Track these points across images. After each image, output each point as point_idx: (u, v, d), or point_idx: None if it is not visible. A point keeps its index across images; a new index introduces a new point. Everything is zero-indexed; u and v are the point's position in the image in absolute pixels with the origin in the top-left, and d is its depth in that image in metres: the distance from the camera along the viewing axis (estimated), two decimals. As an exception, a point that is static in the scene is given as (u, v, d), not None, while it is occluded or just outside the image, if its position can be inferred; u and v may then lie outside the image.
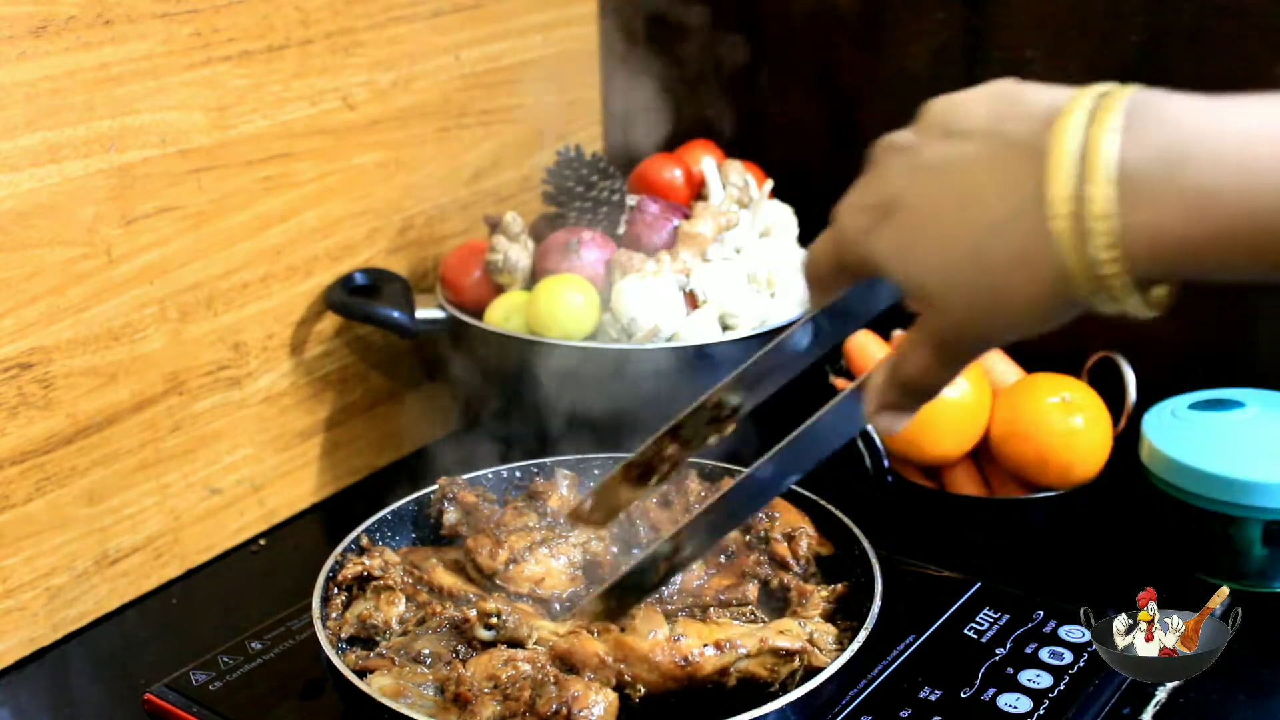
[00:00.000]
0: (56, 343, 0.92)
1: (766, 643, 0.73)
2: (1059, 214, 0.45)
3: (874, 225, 0.52)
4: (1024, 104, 0.49)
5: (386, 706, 0.72)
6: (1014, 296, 0.48)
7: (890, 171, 0.52)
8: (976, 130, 0.49)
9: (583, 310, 1.06)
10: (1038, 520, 1.03)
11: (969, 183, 0.48)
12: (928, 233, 0.49)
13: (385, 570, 0.86)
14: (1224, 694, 0.84)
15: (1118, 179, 0.44)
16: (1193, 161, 0.44)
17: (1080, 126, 0.46)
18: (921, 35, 1.22)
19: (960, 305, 0.49)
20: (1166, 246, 0.45)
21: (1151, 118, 0.46)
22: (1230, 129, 0.45)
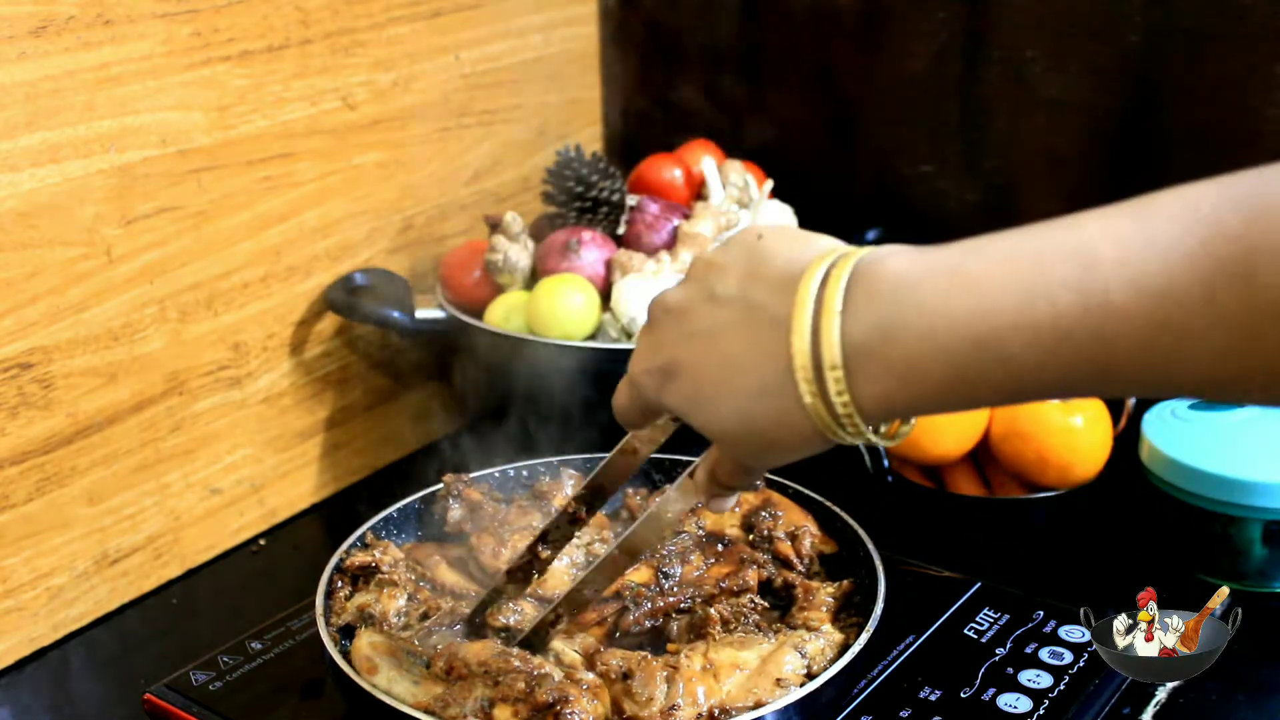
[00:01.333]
0: (56, 343, 0.92)
1: (762, 701, 0.74)
2: (805, 389, 0.53)
3: (662, 385, 0.60)
4: (767, 269, 0.56)
5: (387, 705, 0.72)
6: (780, 444, 0.57)
7: (667, 336, 0.60)
8: (731, 297, 0.57)
9: (583, 310, 1.06)
10: (1038, 520, 1.03)
11: (731, 350, 0.56)
12: (705, 394, 0.58)
13: (393, 566, 0.86)
14: (1224, 694, 0.84)
15: (843, 361, 0.52)
16: (900, 334, 0.51)
17: (810, 308, 0.53)
18: (921, 35, 1.22)
19: (740, 448, 0.59)
20: (893, 404, 0.53)
21: (867, 292, 0.52)
22: (927, 299, 0.50)
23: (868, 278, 0.52)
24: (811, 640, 0.78)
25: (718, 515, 0.93)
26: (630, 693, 0.73)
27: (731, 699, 0.74)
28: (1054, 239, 0.49)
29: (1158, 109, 1.11)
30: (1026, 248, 0.50)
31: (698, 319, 0.58)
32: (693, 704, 0.73)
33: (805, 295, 0.53)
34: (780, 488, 0.95)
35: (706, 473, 0.65)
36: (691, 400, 0.58)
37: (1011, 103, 1.19)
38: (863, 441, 0.56)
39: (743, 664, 0.76)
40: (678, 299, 0.60)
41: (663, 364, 0.59)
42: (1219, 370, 0.46)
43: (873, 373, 0.52)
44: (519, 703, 0.72)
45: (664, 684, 0.74)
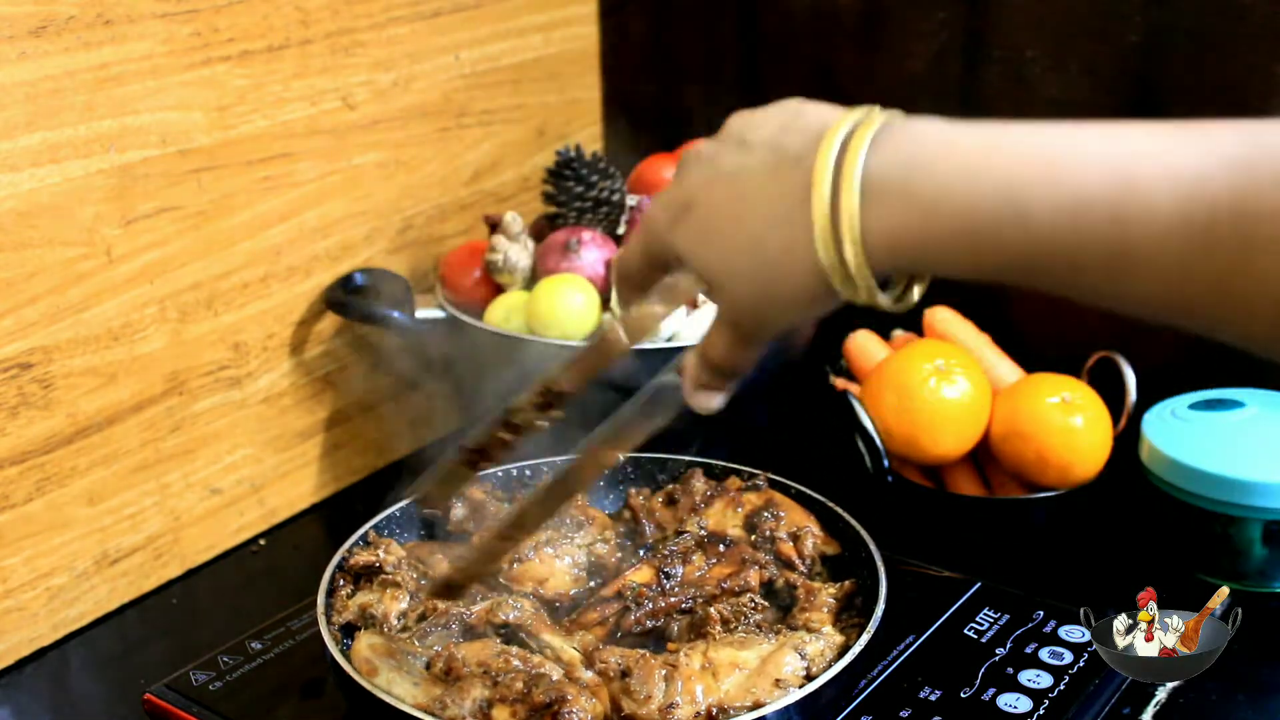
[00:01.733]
0: (56, 343, 0.92)
1: (760, 702, 0.73)
2: (817, 216, 0.52)
3: (675, 221, 0.59)
4: (802, 120, 0.56)
5: (387, 705, 0.72)
6: (783, 281, 0.55)
7: (691, 176, 0.59)
8: (763, 142, 0.57)
9: (583, 310, 1.06)
10: (1038, 520, 1.03)
11: (752, 187, 0.56)
12: (717, 227, 0.57)
13: (396, 566, 0.86)
14: (1224, 694, 0.84)
15: (862, 186, 0.52)
16: (924, 171, 0.51)
17: (838, 142, 0.53)
18: (921, 35, 1.22)
19: (741, 288, 0.57)
20: (901, 244, 0.52)
21: (897, 135, 0.52)
22: (960, 146, 0.51)
23: (899, 128, 0.53)
24: (811, 642, 0.78)
25: (721, 516, 0.92)
26: (629, 691, 0.73)
27: (730, 698, 0.74)
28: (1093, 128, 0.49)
29: (1158, 109, 1.11)
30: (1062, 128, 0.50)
31: (724, 161, 0.58)
32: (691, 702, 0.73)
33: (836, 132, 0.53)
34: (782, 488, 0.95)
35: (698, 356, 0.63)
36: (701, 236, 0.58)
37: (1011, 103, 1.19)
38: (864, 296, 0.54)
39: (742, 664, 0.76)
40: (710, 146, 0.59)
41: (681, 200, 0.59)
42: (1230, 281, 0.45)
43: (889, 204, 0.51)
44: (517, 703, 0.72)
45: (662, 682, 0.74)
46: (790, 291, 0.55)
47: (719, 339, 0.61)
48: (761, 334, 0.60)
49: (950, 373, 1.03)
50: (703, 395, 0.64)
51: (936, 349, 1.05)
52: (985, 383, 1.05)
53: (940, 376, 1.03)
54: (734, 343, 0.60)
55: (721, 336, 0.61)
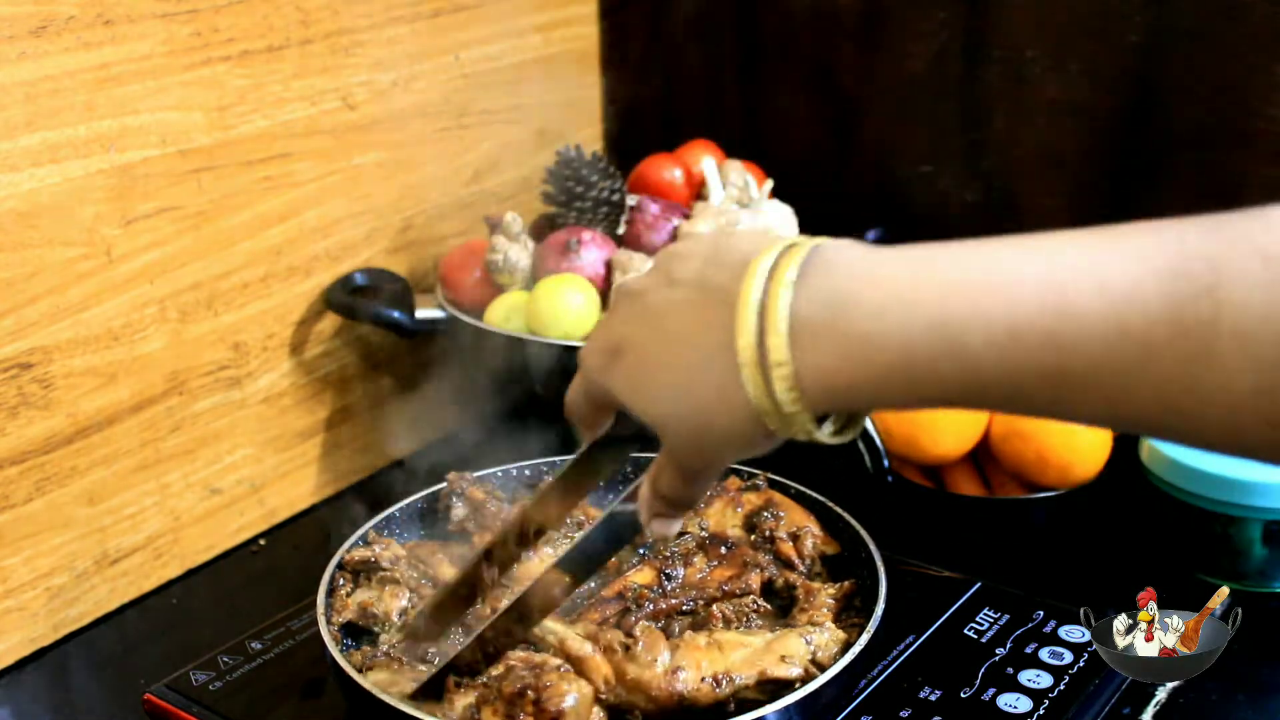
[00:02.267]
0: (56, 343, 0.92)
1: (766, 673, 0.73)
2: (745, 361, 0.51)
3: (609, 364, 0.58)
4: (727, 255, 0.55)
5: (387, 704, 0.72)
6: (718, 426, 0.54)
7: (621, 316, 0.59)
8: (688, 279, 0.55)
9: (583, 310, 1.06)
10: (1038, 520, 1.03)
11: (678, 326, 0.55)
12: (648, 370, 0.56)
13: (394, 564, 0.86)
14: (1224, 694, 0.84)
15: (789, 329, 0.50)
16: (852, 310, 0.49)
17: (761, 282, 0.51)
18: (921, 35, 1.22)
19: (679, 433, 0.56)
20: (835, 385, 0.50)
21: (822, 270, 0.51)
22: (888, 279, 0.50)
23: (824, 259, 0.52)
24: (817, 633, 0.78)
25: (721, 517, 0.93)
26: (634, 657, 0.73)
27: (735, 668, 0.74)
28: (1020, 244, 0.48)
29: (1158, 109, 1.11)
30: (989, 247, 0.49)
31: (651, 300, 0.57)
32: (695, 669, 0.73)
33: (758, 268, 0.52)
34: (782, 488, 0.95)
35: (649, 489, 0.62)
36: (633, 380, 0.57)
37: (1011, 103, 1.19)
38: (800, 433, 0.53)
39: (748, 644, 0.76)
40: (638, 284, 0.59)
41: (611, 341, 0.58)
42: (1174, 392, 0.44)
43: (819, 346, 0.50)
44: (496, 700, 0.72)
45: (667, 651, 0.74)
46: (727, 433, 0.54)
47: (667, 475, 0.60)
48: (706, 472, 0.59)
49: (950, 373, 1.03)
50: (659, 523, 0.63)
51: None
52: (985, 383, 1.05)
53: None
54: (682, 479, 0.60)
55: (669, 473, 0.60)
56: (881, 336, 0.49)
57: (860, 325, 0.49)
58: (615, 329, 0.59)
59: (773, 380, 0.51)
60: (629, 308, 0.58)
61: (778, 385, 0.51)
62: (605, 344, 0.59)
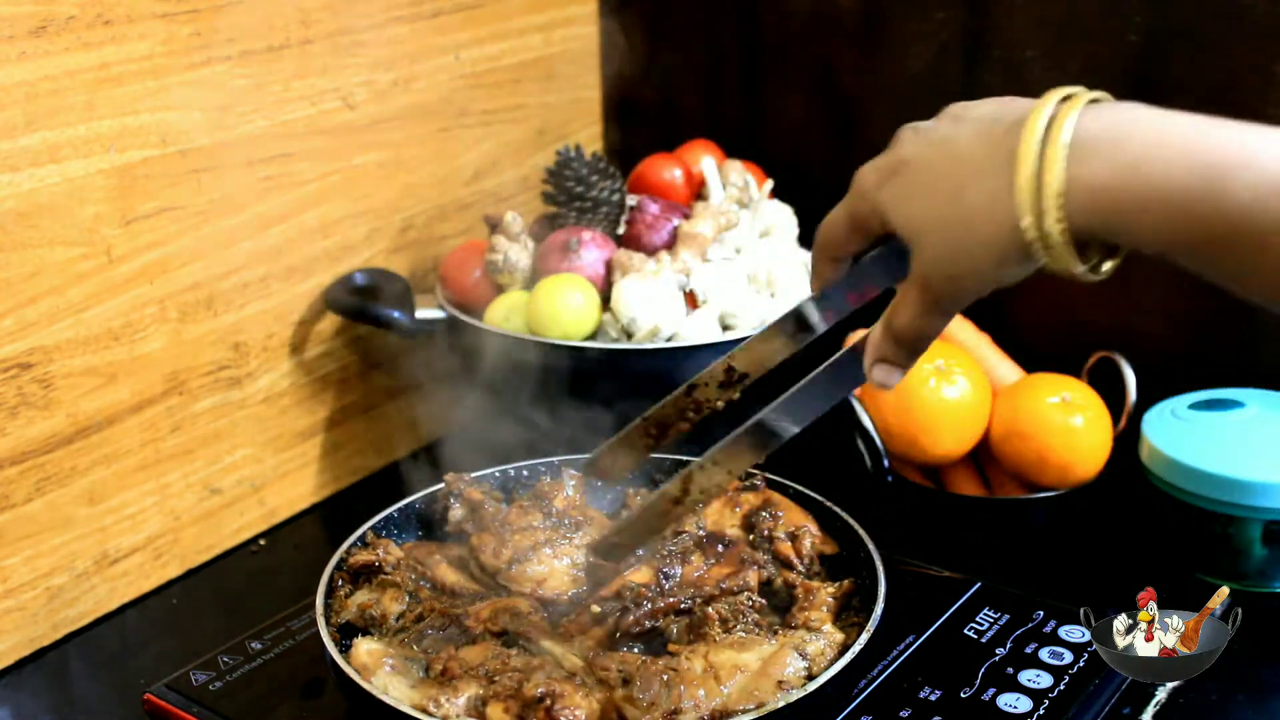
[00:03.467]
0: (56, 343, 0.92)
1: (764, 704, 0.73)
2: (1022, 165, 0.55)
3: (883, 180, 0.62)
4: (1020, 102, 0.59)
5: (387, 705, 0.72)
6: (979, 236, 0.57)
7: (905, 143, 0.62)
8: (978, 116, 0.60)
9: (583, 310, 1.06)
10: (1038, 520, 1.03)
11: (961, 149, 0.59)
12: (923, 182, 0.60)
13: (395, 567, 0.86)
14: (1224, 694, 0.84)
15: (1071, 144, 0.54)
16: (1131, 139, 0.54)
17: (1052, 107, 0.56)
18: (921, 35, 1.22)
19: (937, 240, 0.59)
20: (1099, 202, 0.54)
21: (1110, 107, 0.56)
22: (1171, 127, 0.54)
23: (1111, 104, 0.56)
24: (812, 641, 0.78)
25: (719, 516, 0.92)
26: (631, 699, 0.73)
27: (733, 701, 0.74)
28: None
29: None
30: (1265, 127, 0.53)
31: (940, 131, 0.61)
32: (695, 708, 0.73)
33: (1050, 98, 0.56)
34: (781, 488, 0.95)
35: (883, 326, 0.63)
36: (905, 191, 0.60)
37: (1011, 103, 1.19)
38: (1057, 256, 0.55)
39: (744, 665, 0.76)
40: (927, 122, 0.62)
41: (892, 162, 0.62)
42: None
43: (1094, 163, 0.53)
44: (509, 699, 0.72)
45: (664, 688, 0.74)
46: (984, 245, 0.57)
47: (907, 305, 0.62)
48: (952, 297, 0.60)
49: (950, 373, 1.03)
50: (883, 370, 0.64)
51: (936, 349, 1.05)
52: (985, 383, 1.06)
53: (940, 376, 1.03)
54: (922, 307, 0.61)
55: (910, 301, 0.62)
56: (1151, 163, 0.53)
57: (1133, 149, 0.53)
58: (898, 153, 0.62)
59: (1044, 187, 0.54)
60: (914, 137, 0.62)
61: (1047, 193, 0.54)
62: (885, 164, 0.62)
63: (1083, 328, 1.09)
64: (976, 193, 0.57)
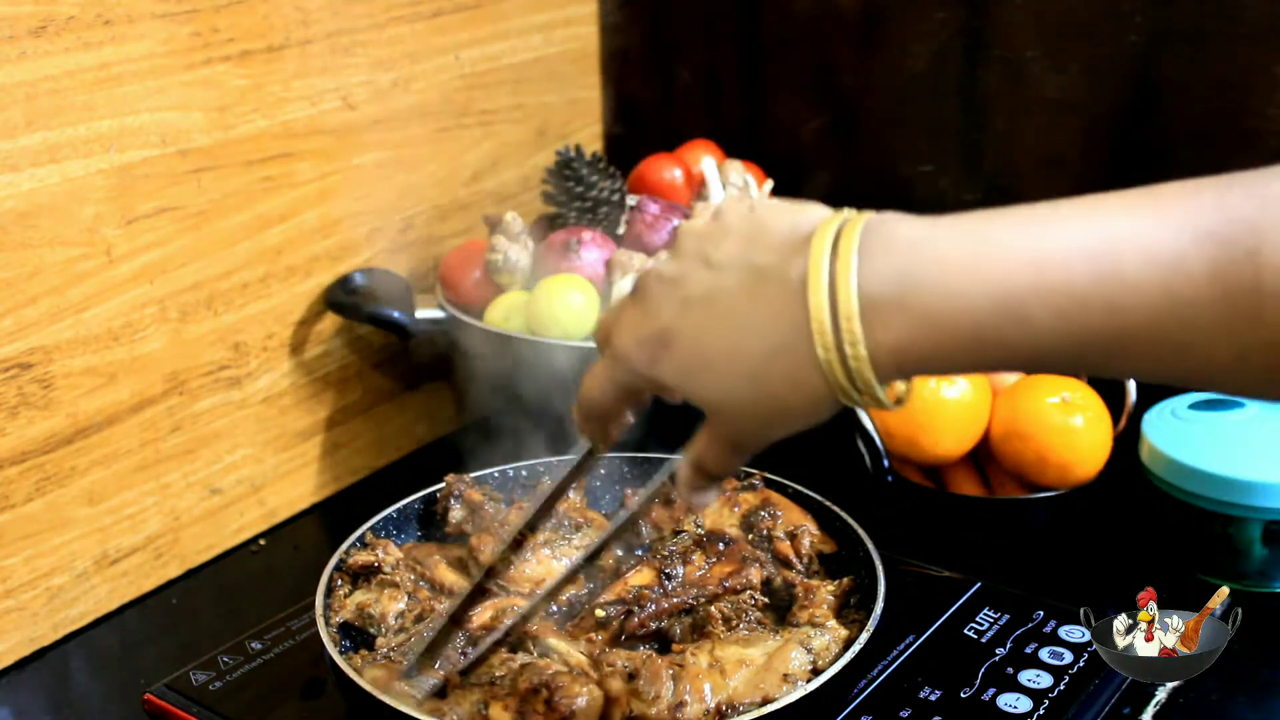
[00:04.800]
0: (56, 343, 0.92)
1: (770, 697, 0.73)
2: (821, 344, 0.52)
3: (655, 356, 0.58)
4: (765, 232, 0.55)
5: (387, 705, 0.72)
6: (790, 409, 0.55)
7: (661, 304, 0.58)
8: (731, 261, 0.55)
9: (583, 310, 1.06)
10: (1038, 520, 1.03)
11: (735, 314, 0.55)
12: (707, 359, 0.56)
13: (395, 567, 0.86)
14: (1224, 694, 0.84)
15: (861, 311, 0.52)
16: (920, 289, 0.51)
17: (826, 264, 0.52)
18: (921, 35, 1.22)
19: (744, 418, 0.57)
20: (906, 360, 0.52)
21: (881, 248, 0.52)
22: (947, 256, 0.51)
23: (881, 235, 0.53)
24: (816, 636, 0.78)
25: (718, 516, 0.93)
26: (637, 692, 0.73)
27: (738, 695, 0.74)
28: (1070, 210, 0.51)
29: (1158, 109, 1.11)
30: (1041, 213, 0.51)
31: (694, 285, 0.56)
32: (700, 700, 0.73)
33: (820, 250, 0.53)
34: (780, 487, 0.95)
35: (692, 467, 0.62)
36: (689, 370, 0.57)
37: (1011, 103, 1.19)
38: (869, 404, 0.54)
39: (749, 660, 0.76)
40: (670, 268, 0.58)
41: (657, 333, 0.57)
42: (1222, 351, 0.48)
43: (890, 324, 0.51)
44: (509, 696, 0.72)
45: (670, 681, 0.74)
46: (795, 414, 0.55)
47: (715, 451, 0.60)
48: (760, 445, 0.59)
49: (950, 373, 1.03)
50: (699, 495, 0.64)
51: (936, 349, 1.05)
52: (985, 383, 1.05)
53: (940, 376, 1.03)
54: (731, 454, 0.60)
55: (718, 450, 0.60)
56: (950, 314, 0.51)
57: (928, 303, 0.51)
58: (655, 318, 0.58)
59: (849, 361, 0.52)
60: (665, 295, 0.57)
61: (853, 365, 0.52)
62: (647, 335, 0.58)
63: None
64: (776, 370, 0.54)
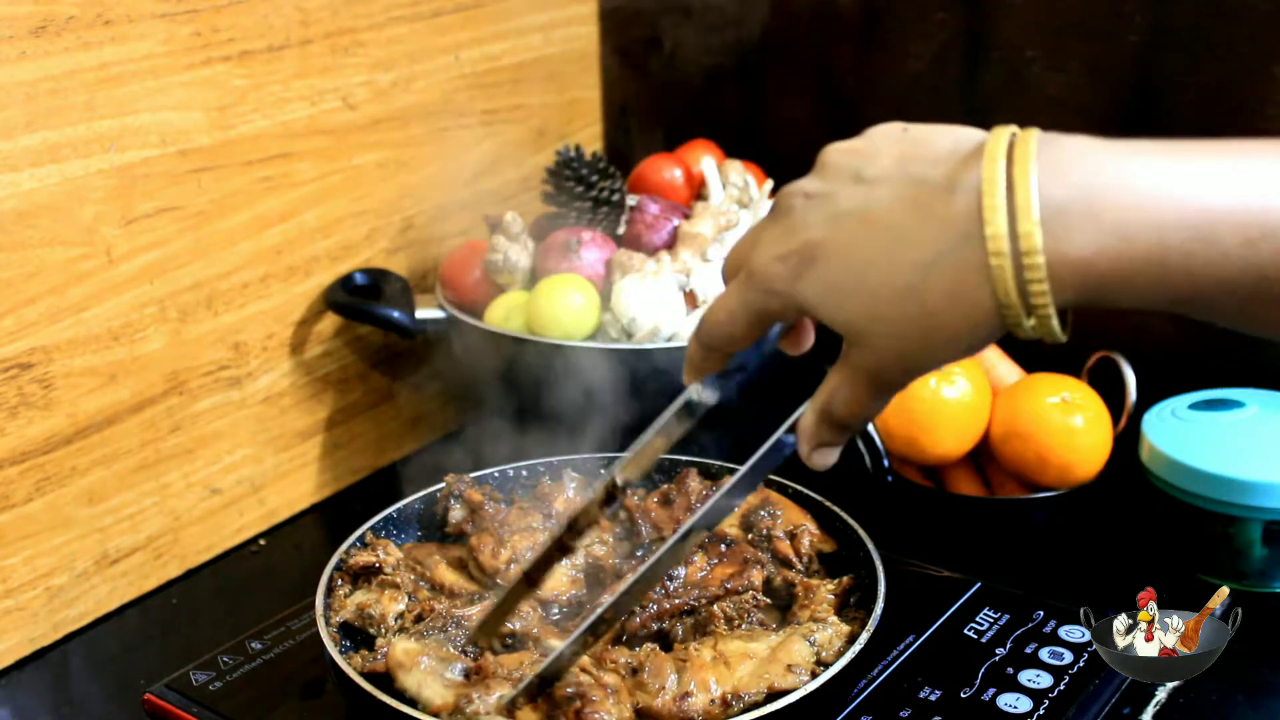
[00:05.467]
0: (56, 343, 0.92)
1: (775, 686, 0.73)
2: (995, 250, 0.48)
3: (799, 272, 0.54)
4: (925, 146, 0.52)
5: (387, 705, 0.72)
6: (947, 329, 0.51)
7: (807, 219, 0.54)
8: (887, 175, 0.52)
9: (583, 310, 1.06)
10: (1038, 520, 1.03)
11: (892, 225, 0.51)
12: (857, 274, 0.52)
13: (396, 568, 0.86)
14: (1224, 694, 0.84)
15: (1041, 216, 0.48)
16: (1106, 198, 0.48)
17: (1002, 167, 0.49)
18: (921, 35, 1.22)
19: (893, 341, 0.52)
20: (1088, 276, 0.48)
21: (1064, 157, 0.49)
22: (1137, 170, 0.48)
23: (1060, 146, 0.49)
24: (820, 630, 0.78)
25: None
26: (642, 684, 0.73)
27: (744, 685, 0.74)
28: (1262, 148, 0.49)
29: (1158, 109, 1.11)
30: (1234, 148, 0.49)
31: (845, 200, 0.52)
32: (705, 691, 0.73)
33: (996, 154, 0.49)
34: (779, 487, 0.95)
35: (819, 413, 0.57)
36: (837, 286, 0.52)
37: (1011, 103, 1.19)
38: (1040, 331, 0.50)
39: (752, 653, 0.76)
40: (816, 185, 0.54)
41: (801, 247, 0.53)
42: None
43: (1075, 233, 0.47)
44: (541, 699, 0.72)
45: (674, 673, 0.74)
46: (952, 336, 0.51)
47: (849, 391, 0.55)
48: (904, 382, 0.55)
49: (950, 373, 1.03)
50: (823, 453, 0.59)
51: (936, 349, 1.05)
52: (985, 383, 1.05)
53: (940, 376, 1.03)
54: (869, 395, 0.55)
55: (853, 389, 0.55)
56: (1139, 227, 0.47)
57: (1117, 213, 0.47)
58: (800, 233, 0.53)
59: (1024, 269, 0.48)
60: (814, 210, 0.53)
61: (1029, 275, 0.48)
62: (790, 250, 0.54)
63: (1083, 327, 1.09)
64: (938, 283, 0.49)
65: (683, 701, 0.72)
